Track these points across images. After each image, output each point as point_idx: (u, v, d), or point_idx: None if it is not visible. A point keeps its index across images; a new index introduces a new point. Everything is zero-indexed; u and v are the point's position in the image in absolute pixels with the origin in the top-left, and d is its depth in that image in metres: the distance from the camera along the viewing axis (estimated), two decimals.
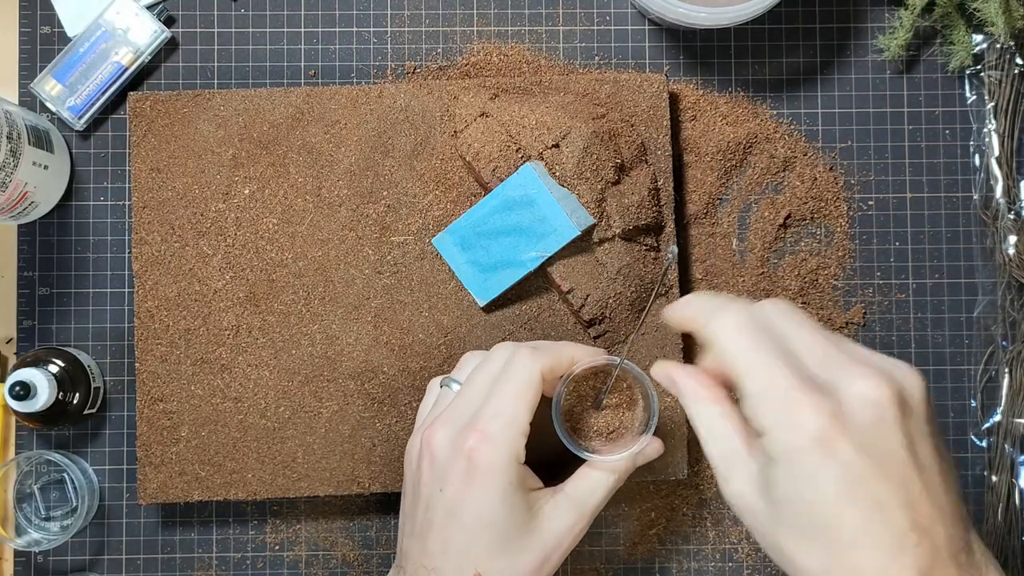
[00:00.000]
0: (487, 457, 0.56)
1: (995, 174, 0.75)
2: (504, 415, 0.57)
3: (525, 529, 0.57)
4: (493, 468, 0.56)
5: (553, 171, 0.68)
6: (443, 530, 0.57)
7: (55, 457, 0.71)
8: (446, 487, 0.57)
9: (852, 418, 0.45)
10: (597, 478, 0.59)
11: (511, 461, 0.56)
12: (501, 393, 0.57)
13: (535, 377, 0.57)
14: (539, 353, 0.58)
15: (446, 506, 0.57)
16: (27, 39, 0.76)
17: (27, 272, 0.75)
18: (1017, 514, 0.73)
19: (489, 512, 0.56)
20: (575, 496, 0.59)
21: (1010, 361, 0.75)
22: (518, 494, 0.57)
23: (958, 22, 0.75)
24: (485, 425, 0.56)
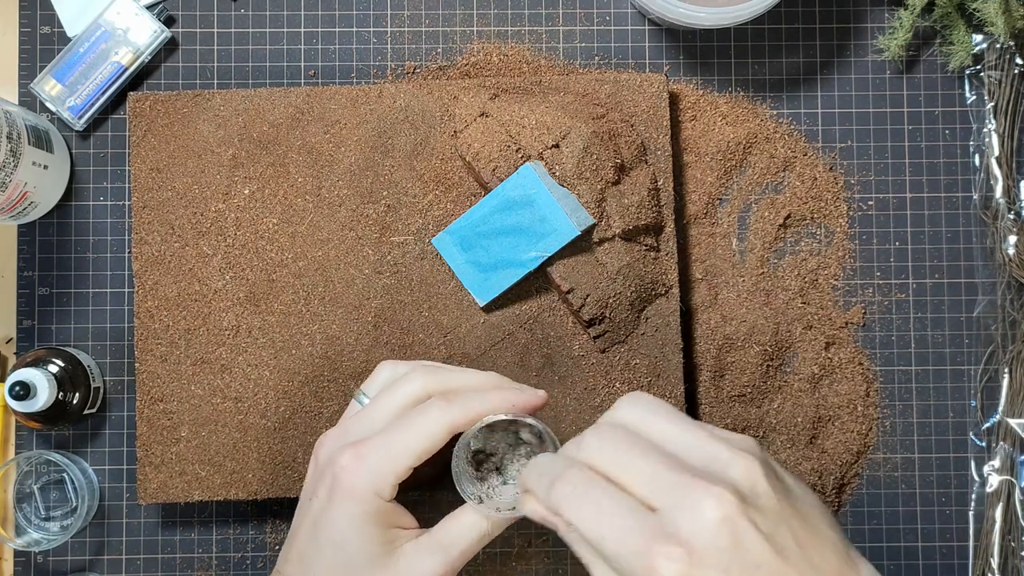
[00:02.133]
0: (350, 480, 0.55)
1: (995, 174, 0.75)
2: (388, 452, 0.55)
3: (377, 564, 0.55)
4: (352, 493, 0.55)
5: (553, 171, 0.68)
6: (303, 541, 0.56)
7: (55, 457, 0.71)
8: (313, 497, 0.56)
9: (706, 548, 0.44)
10: (467, 524, 0.57)
11: (371, 494, 0.55)
12: (397, 432, 0.55)
13: (441, 432, 0.55)
14: (454, 408, 0.55)
15: (311, 516, 0.56)
16: (27, 39, 0.76)
17: (27, 272, 0.75)
18: (1017, 514, 0.73)
19: (340, 535, 0.55)
20: (440, 540, 0.56)
21: (1010, 361, 0.75)
22: (374, 527, 0.55)
23: (958, 22, 0.75)
24: (364, 450, 0.55)
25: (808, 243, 0.76)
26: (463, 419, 0.55)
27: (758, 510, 0.45)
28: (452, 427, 0.55)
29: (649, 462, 0.47)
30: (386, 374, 0.60)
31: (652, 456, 0.47)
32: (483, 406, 0.56)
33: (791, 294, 0.75)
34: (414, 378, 0.58)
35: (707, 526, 0.44)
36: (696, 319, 0.75)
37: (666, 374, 0.71)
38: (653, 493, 0.46)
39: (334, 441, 0.57)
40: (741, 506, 0.44)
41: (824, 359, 0.75)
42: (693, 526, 0.44)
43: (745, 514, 0.44)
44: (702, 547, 0.44)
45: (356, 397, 0.61)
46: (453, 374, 0.58)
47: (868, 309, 0.76)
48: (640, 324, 0.71)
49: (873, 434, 0.75)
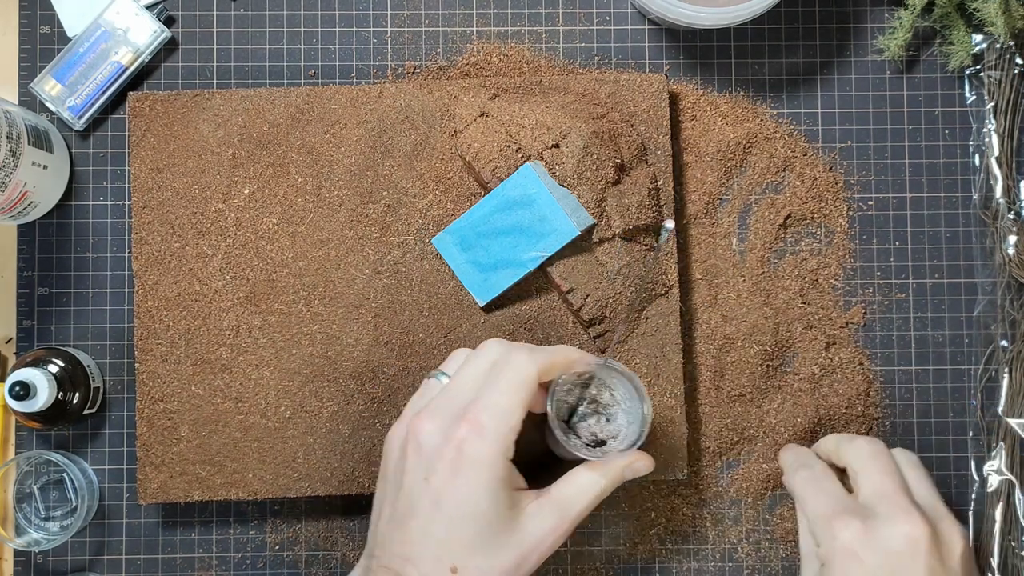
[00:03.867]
0: (477, 448, 0.55)
1: (995, 174, 0.75)
2: (498, 408, 0.56)
3: (506, 527, 0.56)
4: (482, 460, 0.55)
5: (553, 171, 0.68)
6: (425, 519, 0.56)
7: (55, 457, 0.71)
8: (431, 476, 0.56)
9: (884, 543, 0.59)
10: (584, 483, 0.59)
11: (500, 455, 0.56)
12: (496, 387, 0.57)
13: (532, 376, 0.57)
14: (536, 353, 0.58)
15: (431, 495, 0.56)
16: (27, 39, 0.76)
17: (27, 272, 0.75)
18: (1017, 514, 0.73)
19: (473, 504, 0.55)
20: (560, 500, 0.58)
21: (1010, 361, 0.75)
22: (504, 490, 0.56)
23: (958, 22, 0.75)
24: (478, 416, 0.56)
25: (808, 243, 0.76)
26: (545, 362, 0.58)
27: (943, 558, 0.60)
28: (539, 370, 0.57)
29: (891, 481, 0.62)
30: (462, 356, 0.62)
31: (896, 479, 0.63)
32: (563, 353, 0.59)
33: (791, 294, 0.75)
34: (489, 344, 0.60)
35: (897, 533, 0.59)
36: (696, 319, 0.75)
37: (666, 374, 0.71)
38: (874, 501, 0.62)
39: (433, 419, 0.58)
40: (933, 541, 0.60)
41: (824, 359, 0.75)
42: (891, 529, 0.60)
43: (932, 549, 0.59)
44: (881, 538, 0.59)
45: (434, 377, 0.61)
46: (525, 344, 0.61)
47: (868, 309, 0.76)
48: (640, 324, 0.71)
49: (873, 434, 0.75)
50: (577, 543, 0.75)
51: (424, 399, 0.61)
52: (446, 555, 0.55)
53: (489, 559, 0.56)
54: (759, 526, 0.75)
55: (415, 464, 0.57)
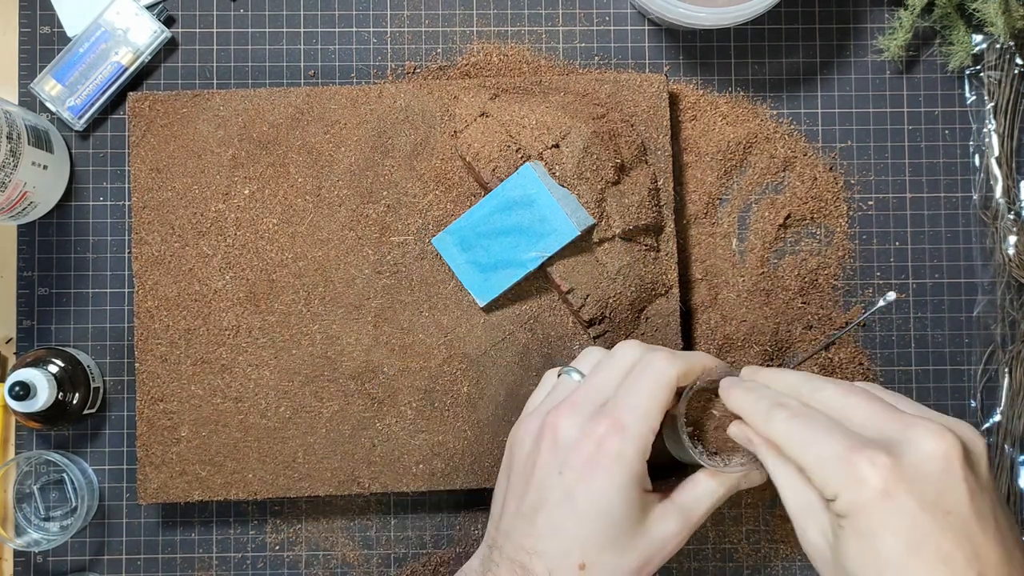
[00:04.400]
0: (617, 446, 0.55)
1: (995, 174, 0.75)
2: (640, 409, 0.56)
3: (635, 528, 0.56)
4: (621, 458, 0.55)
5: (553, 171, 0.68)
6: (556, 512, 0.56)
7: (55, 457, 0.71)
8: (566, 470, 0.56)
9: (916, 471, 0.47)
10: (706, 489, 0.59)
11: (638, 455, 0.56)
12: (637, 388, 0.57)
13: (672, 379, 0.57)
14: (676, 358, 0.58)
15: (564, 489, 0.56)
16: (27, 39, 0.76)
17: (27, 272, 0.75)
18: (1017, 514, 0.73)
19: (607, 502, 0.55)
20: (683, 505, 0.58)
21: (1010, 361, 0.75)
22: (636, 491, 0.56)
23: (958, 22, 0.75)
24: (620, 415, 0.56)
25: (808, 243, 0.76)
26: (685, 366, 0.58)
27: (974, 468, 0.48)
28: (679, 374, 0.57)
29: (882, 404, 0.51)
30: (598, 351, 0.62)
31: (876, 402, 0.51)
32: (701, 359, 0.59)
33: (791, 294, 0.75)
34: (627, 346, 0.60)
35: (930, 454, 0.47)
36: (696, 319, 0.75)
37: None
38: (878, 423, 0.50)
39: (572, 415, 0.57)
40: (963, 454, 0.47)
41: (824, 359, 0.75)
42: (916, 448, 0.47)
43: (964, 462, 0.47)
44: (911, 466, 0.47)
45: (567, 373, 0.61)
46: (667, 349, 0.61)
47: (868, 309, 0.76)
48: (640, 324, 0.71)
49: None
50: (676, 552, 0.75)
51: (556, 395, 0.61)
52: (575, 550, 0.55)
53: (616, 558, 0.56)
54: (759, 526, 0.75)
55: (550, 458, 0.57)
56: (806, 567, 0.75)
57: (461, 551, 0.74)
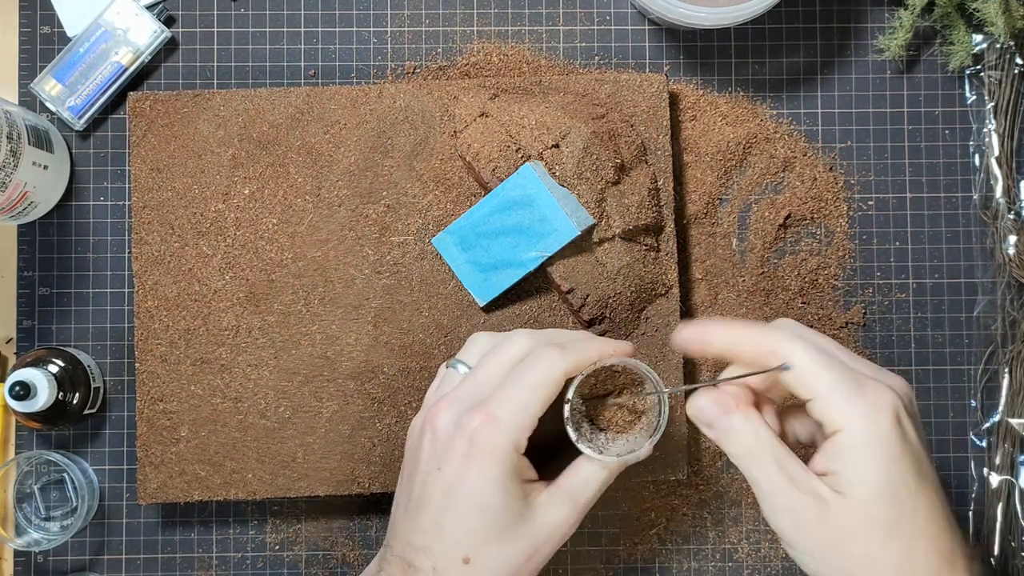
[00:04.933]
0: (490, 440, 0.55)
1: (995, 174, 0.75)
2: (516, 404, 0.56)
3: (518, 519, 0.56)
4: (494, 452, 0.55)
5: (553, 171, 0.68)
6: (438, 509, 0.56)
7: (55, 457, 0.71)
8: (444, 466, 0.56)
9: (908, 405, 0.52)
10: (590, 472, 0.58)
11: (512, 449, 0.56)
12: (520, 382, 0.56)
13: (559, 376, 0.56)
14: (567, 353, 0.57)
15: (443, 485, 0.56)
16: (27, 39, 0.76)
17: (27, 272, 0.75)
18: (1017, 514, 0.73)
19: (485, 496, 0.55)
20: (569, 490, 0.58)
21: (1010, 361, 0.75)
22: (514, 483, 0.56)
23: (958, 22, 0.75)
24: (494, 409, 0.56)
25: (808, 243, 0.76)
26: (575, 362, 0.57)
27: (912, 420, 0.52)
28: (567, 370, 0.57)
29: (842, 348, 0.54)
30: (485, 340, 0.61)
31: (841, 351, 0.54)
32: (592, 350, 0.58)
33: (791, 294, 0.75)
34: (518, 337, 0.59)
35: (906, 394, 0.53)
36: (696, 319, 0.75)
37: (666, 374, 0.71)
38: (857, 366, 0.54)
39: (450, 409, 0.57)
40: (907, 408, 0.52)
41: None
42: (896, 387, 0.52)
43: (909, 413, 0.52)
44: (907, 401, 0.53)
45: (452, 366, 0.61)
46: (553, 331, 0.60)
47: (868, 309, 0.76)
48: (640, 324, 0.71)
49: None
50: (577, 543, 0.75)
51: (441, 388, 0.60)
52: (458, 546, 0.55)
53: (501, 549, 0.56)
54: (759, 526, 0.75)
55: (430, 454, 0.57)
56: None
57: None
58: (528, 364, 0.57)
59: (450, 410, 0.57)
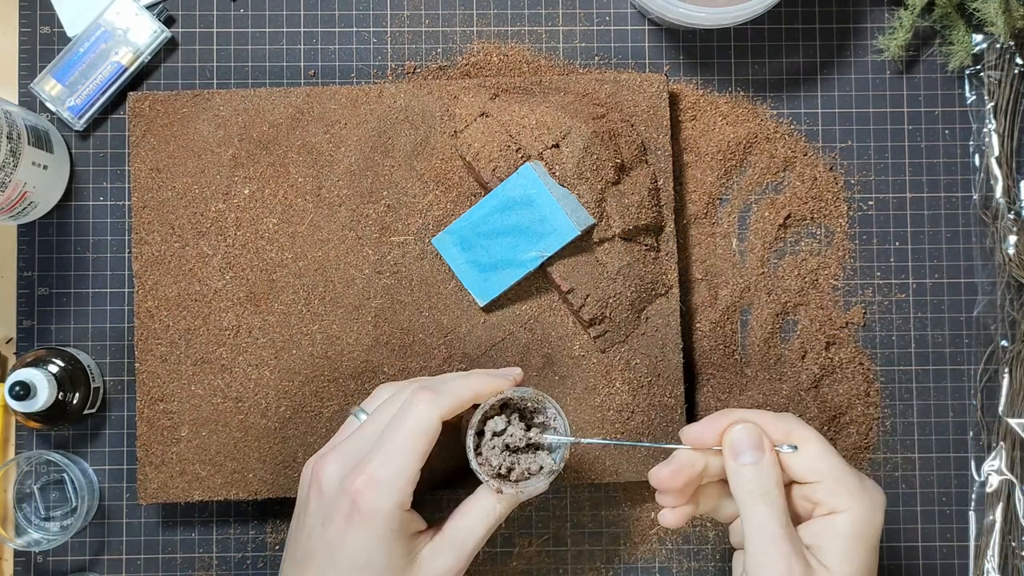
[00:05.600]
0: (371, 503, 0.55)
1: (995, 174, 0.75)
2: (394, 461, 0.56)
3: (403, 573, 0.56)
4: (376, 514, 0.55)
5: (553, 171, 0.68)
6: (321, 565, 0.56)
7: (55, 457, 0.71)
8: (328, 524, 0.56)
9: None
10: (476, 517, 0.58)
11: (395, 509, 0.56)
12: (394, 438, 0.56)
13: (432, 424, 0.56)
14: (439, 397, 0.57)
15: (327, 543, 0.56)
16: (27, 39, 0.76)
17: (27, 272, 0.75)
18: (1017, 514, 0.73)
19: (366, 557, 0.55)
20: (454, 538, 0.58)
21: (1010, 361, 0.75)
22: (398, 541, 0.56)
23: (958, 22, 0.75)
24: (374, 469, 0.56)
25: (808, 243, 0.76)
26: (448, 404, 0.57)
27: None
28: (441, 415, 0.57)
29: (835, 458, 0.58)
30: (386, 391, 0.61)
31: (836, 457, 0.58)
32: (465, 386, 0.58)
33: (791, 294, 0.75)
34: (402, 389, 0.60)
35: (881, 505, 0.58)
36: (696, 319, 0.75)
37: (666, 374, 0.71)
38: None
39: (336, 464, 0.58)
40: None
41: (824, 359, 0.75)
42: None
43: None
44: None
45: (354, 413, 0.61)
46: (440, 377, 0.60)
47: (868, 309, 0.76)
48: (640, 324, 0.71)
49: (873, 434, 0.75)
50: (577, 543, 0.75)
51: (338, 437, 0.61)
52: None
53: None
54: None
55: (316, 509, 0.58)
56: None
57: None
58: (401, 415, 0.57)
59: (335, 465, 0.57)
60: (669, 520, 0.59)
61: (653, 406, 0.71)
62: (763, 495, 0.55)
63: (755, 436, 0.56)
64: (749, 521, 0.55)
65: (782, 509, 0.55)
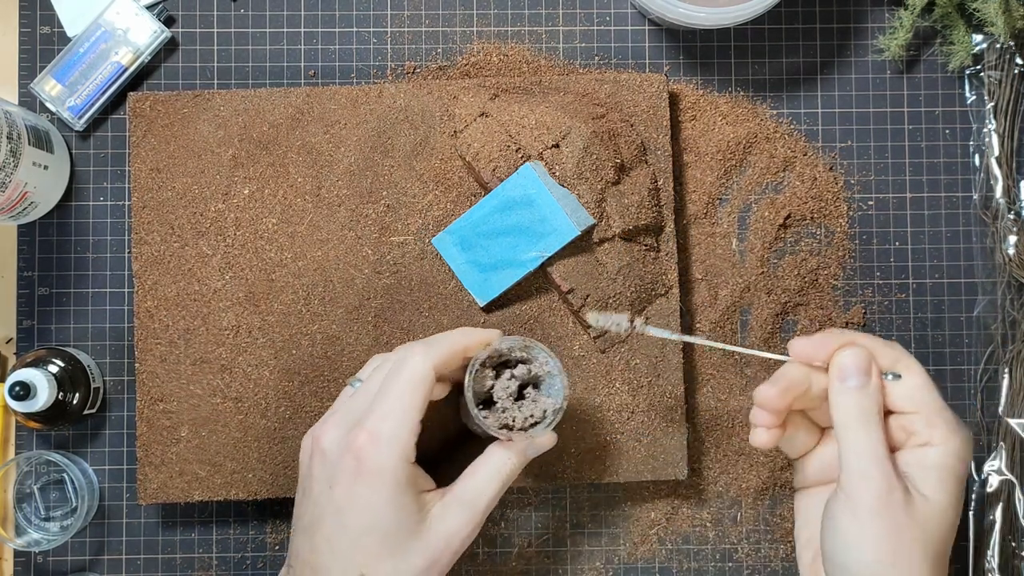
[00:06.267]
0: (375, 457, 0.55)
1: (995, 174, 0.75)
2: (394, 414, 0.56)
3: (413, 531, 0.56)
4: (381, 468, 0.55)
5: (553, 171, 0.68)
6: (332, 528, 0.56)
7: (55, 457, 0.71)
8: (335, 486, 0.56)
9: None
10: (486, 476, 0.58)
11: (400, 461, 0.56)
12: (391, 391, 0.57)
13: (425, 373, 0.57)
14: (430, 348, 0.58)
15: (335, 505, 0.56)
16: (27, 39, 0.76)
17: (27, 272, 0.75)
18: (1017, 514, 0.73)
19: (375, 513, 0.55)
20: (464, 497, 0.58)
21: (1010, 361, 0.75)
22: (407, 495, 0.56)
23: (958, 22, 0.75)
24: (374, 424, 0.56)
25: (808, 243, 0.76)
26: (439, 355, 0.57)
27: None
28: (434, 365, 0.57)
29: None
30: (377, 361, 0.62)
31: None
32: (454, 338, 0.58)
33: (791, 294, 0.75)
34: (397, 349, 0.60)
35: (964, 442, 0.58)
36: (696, 319, 0.75)
37: (666, 374, 0.71)
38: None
39: (336, 427, 0.58)
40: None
41: None
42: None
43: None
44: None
45: (350, 383, 0.61)
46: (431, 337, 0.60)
47: (868, 309, 0.76)
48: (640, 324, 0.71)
49: None
50: (577, 543, 0.75)
51: (336, 405, 0.61)
52: (353, 565, 0.55)
53: (398, 564, 0.56)
54: (759, 526, 0.75)
55: (320, 473, 0.58)
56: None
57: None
58: (395, 369, 0.57)
59: (336, 428, 0.58)
60: (763, 440, 0.58)
61: (653, 406, 0.71)
62: (867, 419, 0.55)
63: (864, 360, 0.56)
64: (851, 443, 0.55)
65: (880, 432, 0.55)
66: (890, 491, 0.54)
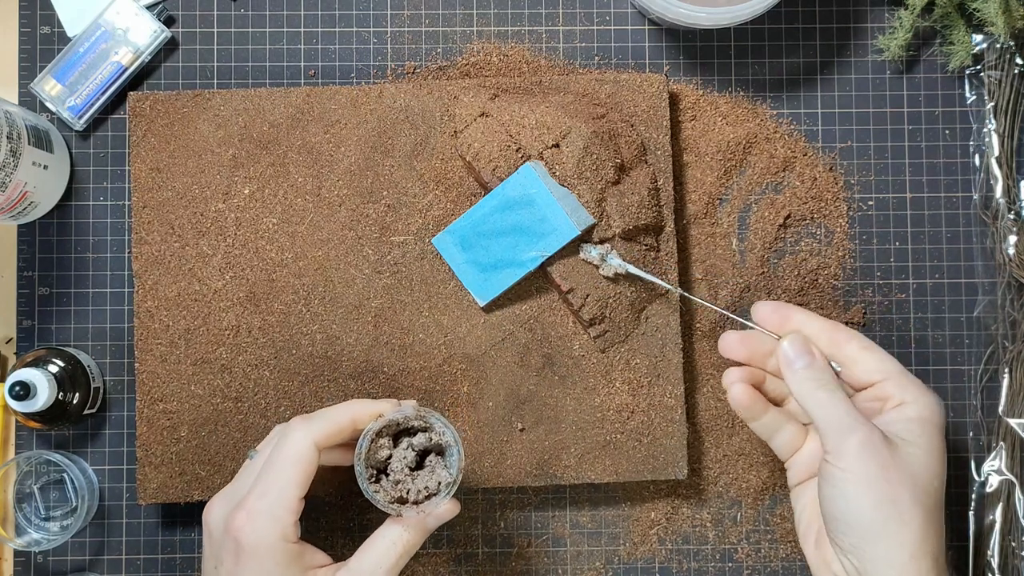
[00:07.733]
0: (252, 538, 0.55)
1: (995, 174, 0.75)
2: (271, 493, 0.55)
3: None
4: (259, 548, 0.55)
5: (553, 171, 0.68)
6: None
7: (55, 457, 0.71)
8: (220, 567, 0.56)
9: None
10: (382, 550, 0.57)
11: (278, 541, 0.55)
12: (271, 470, 0.56)
13: (305, 451, 0.56)
14: (312, 423, 0.57)
15: None
16: (27, 39, 0.76)
17: (27, 272, 0.75)
18: (1017, 514, 0.73)
19: None
20: (357, 571, 0.57)
21: (1010, 361, 0.75)
22: (289, 574, 0.55)
23: (958, 22, 0.75)
24: (252, 504, 0.55)
25: (808, 243, 0.76)
26: (322, 430, 0.57)
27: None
28: (315, 438, 0.57)
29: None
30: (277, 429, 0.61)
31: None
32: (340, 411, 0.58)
33: (791, 294, 0.75)
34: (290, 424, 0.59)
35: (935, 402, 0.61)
36: (696, 319, 0.75)
37: (666, 374, 0.71)
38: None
39: (221, 505, 0.58)
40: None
41: None
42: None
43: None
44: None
45: (249, 455, 0.61)
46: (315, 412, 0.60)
47: (868, 309, 0.76)
48: (640, 324, 0.71)
49: None
50: (577, 543, 0.75)
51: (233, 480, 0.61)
52: None
53: None
54: (759, 526, 0.75)
55: (208, 551, 0.58)
56: (806, 568, 0.75)
57: (460, 552, 0.74)
58: (277, 445, 0.57)
59: (220, 507, 0.58)
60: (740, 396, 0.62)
61: (653, 406, 0.71)
62: (824, 383, 0.59)
63: (802, 344, 0.60)
64: (817, 407, 0.58)
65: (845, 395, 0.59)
66: (870, 433, 0.56)
